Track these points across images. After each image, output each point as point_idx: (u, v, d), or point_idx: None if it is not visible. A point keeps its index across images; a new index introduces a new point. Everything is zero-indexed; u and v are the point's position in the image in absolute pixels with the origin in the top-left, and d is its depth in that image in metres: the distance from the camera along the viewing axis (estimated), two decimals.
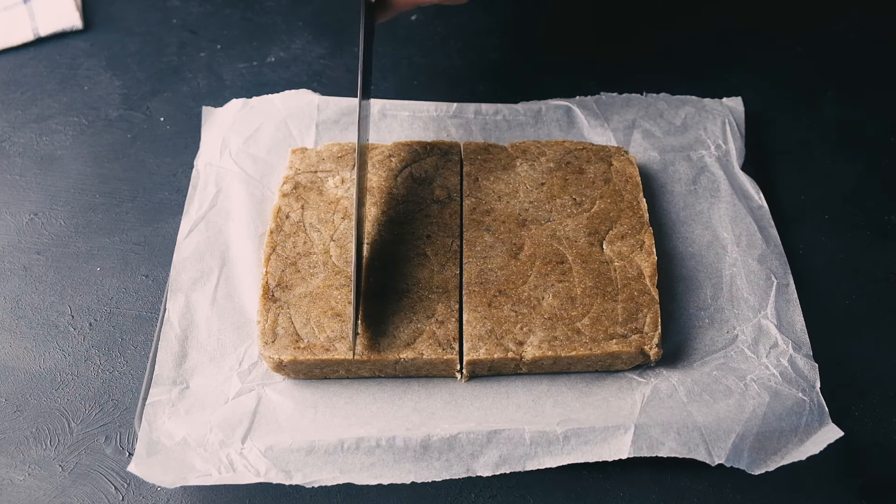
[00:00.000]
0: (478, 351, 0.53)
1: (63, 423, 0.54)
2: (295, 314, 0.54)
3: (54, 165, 0.69)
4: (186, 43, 0.79)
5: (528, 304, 0.55)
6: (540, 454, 0.50)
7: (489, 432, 0.50)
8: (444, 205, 0.60)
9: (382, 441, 0.50)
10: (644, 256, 0.57)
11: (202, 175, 0.65)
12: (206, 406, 0.52)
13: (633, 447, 0.50)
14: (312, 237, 0.58)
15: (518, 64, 0.77)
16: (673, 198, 0.64)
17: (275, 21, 0.81)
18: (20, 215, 0.65)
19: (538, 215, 0.60)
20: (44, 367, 0.57)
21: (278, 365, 0.53)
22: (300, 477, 0.49)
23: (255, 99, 0.69)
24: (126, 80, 0.75)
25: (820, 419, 0.52)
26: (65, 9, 0.79)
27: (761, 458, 0.50)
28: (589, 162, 0.63)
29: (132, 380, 0.56)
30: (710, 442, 0.50)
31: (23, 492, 0.52)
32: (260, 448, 0.50)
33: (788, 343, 0.55)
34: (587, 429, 0.51)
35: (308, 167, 0.62)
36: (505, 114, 0.69)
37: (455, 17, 0.81)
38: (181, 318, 0.56)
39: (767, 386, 0.53)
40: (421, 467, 0.50)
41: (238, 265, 0.59)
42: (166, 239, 0.64)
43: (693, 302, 0.58)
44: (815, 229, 0.65)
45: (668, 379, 0.54)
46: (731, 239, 0.61)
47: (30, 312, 0.60)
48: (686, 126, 0.69)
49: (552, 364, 0.53)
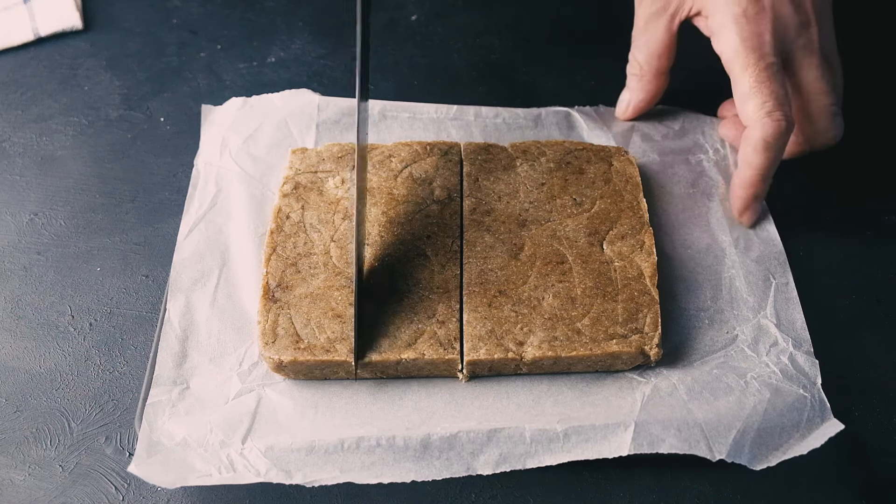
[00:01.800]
0: (478, 351, 0.53)
1: (63, 423, 0.54)
2: (295, 315, 0.54)
3: (54, 165, 0.69)
4: (186, 43, 0.79)
5: (529, 305, 0.55)
6: (540, 452, 0.50)
7: (489, 431, 0.50)
8: (444, 205, 0.60)
9: (383, 440, 0.50)
10: (644, 257, 0.58)
11: (202, 174, 0.65)
12: (207, 406, 0.52)
13: (633, 444, 0.50)
14: (313, 238, 0.58)
15: (518, 64, 0.77)
16: (672, 199, 0.64)
17: (275, 21, 0.81)
18: (20, 215, 0.65)
19: (538, 215, 0.60)
20: (44, 367, 0.57)
21: (278, 365, 0.53)
22: (300, 476, 0.49)
23: (254, 98, 0.69)
24: (126, 80, 0.75)
25: (821, 415, 0.52)
26: (65, 9, 0.79)
27: (762, 453, 0.50)
28: (589, 162, 0.63)
29: (132, 380, 0.56)
30: (711, 438, 0.50)
31: (23, 492, 0.51)
32: (260, 448, 0.50)
33: (788, 341, 0.56)
34: (587, 426, 0.51)
35: (308, 167, 0.62)
36: (505, 117, 0.70)
37: (455, 17, 0.81)
38: (181, 319, 0.56)
39: (768, 383, 0.53)
40: (421, 466, 0.50)
41: (238, 265, 0.59)
42: (166, 239, 0.64)
43: (693, 303, 0.58)
44: (815, 229, 0.65)
45: (668, 378, 0.54)
46: (730, 241, 0.61)
47: (30, 312, 0.60)
48: (685, 130, 0.69)
49: (552, 364, 0.53)
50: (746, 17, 0.57)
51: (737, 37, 0.57)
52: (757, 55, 0.56)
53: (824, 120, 0.60)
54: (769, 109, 0.56)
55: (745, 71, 0.57)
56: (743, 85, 0.57)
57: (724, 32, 0.58)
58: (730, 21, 0.57)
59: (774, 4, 0.57)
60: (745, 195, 0.60)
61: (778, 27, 0.57)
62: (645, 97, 0.67)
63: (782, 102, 0.56)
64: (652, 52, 0.65)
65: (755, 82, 0.56)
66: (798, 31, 0.58)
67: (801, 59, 0.59)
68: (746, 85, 0.57)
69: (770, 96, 0.56)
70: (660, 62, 0.65)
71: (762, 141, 0.57)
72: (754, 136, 0.57)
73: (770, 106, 0.56)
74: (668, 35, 0.64)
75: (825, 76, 0.59)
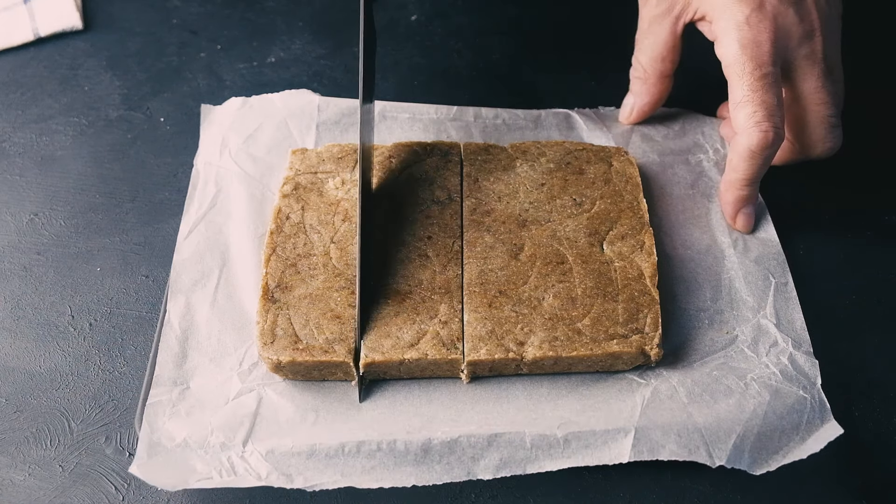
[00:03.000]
0: (478, 351, 0.53)
1: (63, 423, 0.54)
2: (294, 315, 0.54)
3: (54, 165, 0.68)
4: (186, 43, 0.79)
5: (529, 305, 0.55)
6: (540, 457, 0.50)
7: (490, 436, 0.50)
8: (444, 205, 0.60)
9: (383, 444, 0.50)
10: (644, 257, 0.58)
11: (202, 174, 0.65)
12: (207, 407, 0.52)
13: (633, 451, 0.50)
14: (312, 239, 0.58)
15: (518, 64, 0.77)
16: (672, 200, 0.65)
17: (275, 21, 0.81)
18: (20, 215, 0.65)
19: (538, 216, 0.60)
20: (44, 367, 0.57)
21: (277, 366, 0.53)
22: (301, 480, 0.49)
23: (254, 98, 0.69)
24: (126, 80, 0.75)
25: (821, 416, 0.52)
26: (65, 9, 0.78)
27: (762, 457, 0.50)
28: (589, 162, 0.63)
29: (132, 380, 0.56)
30: (711, 443, 0.50)
31: (23, 492, 0.51)
32: (261, 451, 0.50)
33: (788, 341, 0.56)
34: (587, 432, 0.51)
35: (308, 168, 0.62)
36: (505, 118, 0.70)
37: (455, 17, 0.81)
38: (181, 319, 0.56)
39: (768, 385, 0.53)
40: (422, 470, 0.50)
41: (238, 265, 0.59)
42: (166, 239, 0.64)
43: (692, 303, 0.58)
44: (815, 230, 0.65)
45: (668, 380, 0.54)
46: (729, 242, 0.62)
47: (30, 312, 0.60)
48: (684, 131, 0.69)
49: (553, 364, 0.53)
50: (749, 24, 0.57)
51: (736, 43, 0.57)
52: (754, 64, 0.56)
53: (821, 131, 0.60)
54: (758, 120, 0.56)
55: (741, 79, 0.57)
56: (737, 92, 0.57)
57: (726, 38, 0.58)
58: (731, 27, 0.57)
59: (778, 12, 0.57)
60: (731, 199, 0.61)
61: (780, 35, 0.57)
62: (649, 101, 0.67)
63: (773, 113, 0.56)
64: (656, 56, 0.65)
65: (749, 91, 0.56)
66: (801, 39, 0.58)
67: (803, 68, 0.59)
68: (740, 93, 0.57)
69: (761, 106, 0.56)
70: (664, 65, 0.65)
71: (748, 150, 0.57)
72: (741, 144, 0.58)
73: (759, 116, 0.56)
74: (672, 38, 0.63)
75: (826, 86, 0.59)
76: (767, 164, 0.59)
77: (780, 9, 0.57)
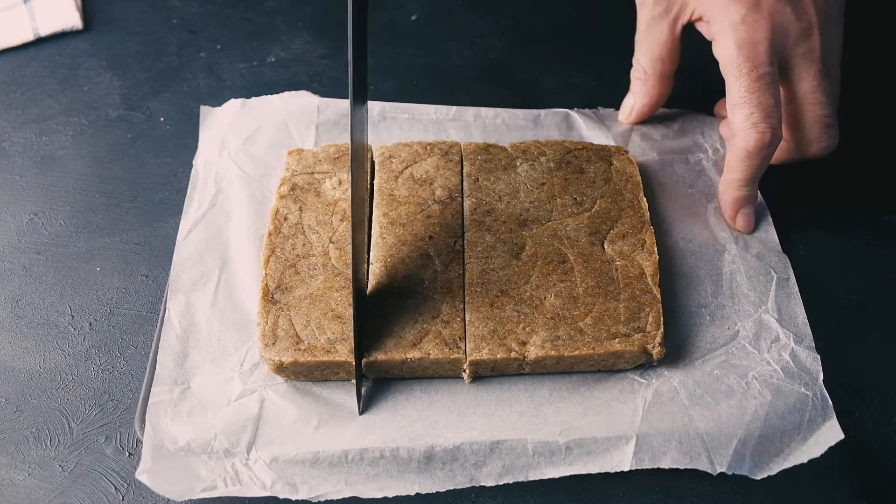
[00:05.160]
0: (480, 351, 0.53)
1: (63, 423, 0.54)
2: (295, 316, 0.54)
3: (54, 165, 0.68)
4: (186, 43, 0.79)
5: (531, 304, 0.55)
6: (542, 464, 0.50)
7: (492, 443, 0.50)
8: (445, 205, 0.60)
9: (386, 452, 0.50)
10: (645, 255, 0.58)
11: (201, 175, 0.64)
12: (209, 408, 0.52)
13: (635, 458, 0.50)
14: (311, 239, 0.58)
15: (518, 64, 0.77)
16: (672, 198, 0.65)
17: (275, 21, 0.81)
18: (20, 215, 0.65)
19: (539, 215, 0.60)
20: (44, 367, 0.57)
21: (279, 367, 0.52)
22: (306, 490, 0.49)
23: (253, 99, 0.69)
24: (126, 80, 0.75)
25: (823, 413, 0.52)
26: (65, 9, 0.78)
27: (763, 461, 0.51)
28: (589, 161, 0.63)
29: (132, 380, 0.56)
30: (712, 449, 0.50)
31: (23, 492, 0.51)
32: (265, 459, 0.50)
33: (790, 336, 0.56)
34: (589, 439, 0.51)
35: (305, 168, 0.62)
36: (504, 118, 0.70)
37: (455, 17, 0.82)
38: (181, 319, 0.56)
39: (769, 383, 0.53)
40: (425, 478, 0.50)
41: (238, 266, 0.59)
42: (166, 239, 0.63)
43: (693, 299, 0.58)
44: (815, 229, 0.65)
45: (669, 380, 0.54)
46: (730, 238, 0.62)
47: (30, 312, 0.59)
48: (684, 130, 0.69)
49: (555, 364, 0.53)
50: (745, 25, 0.57)
51: (733, 44, 0.57)
52: (751, 64, 0.56)
53: (816, 130, 0.60)
54: (755, 121, 0.56)
55: (738, 80, 0.57)
56: (734, 93, 0.57)
57: (722, 39, 0.58)
58: (728, 28, 0.57)
59: (775, 11, 0.57)
60: (730, 199, 0.61)
61: (777, 35, 0.57)
62: (649, 101, 0.67)
63: (769, 114, 0.56)
64: (655, 57, 0.65)
65: (746, 92, 0.56)
66: (798, 38, 0.58)
67: (799, 66, 0.59)
68: (737, 94, 0.57)
69: (757, 107, 0.56)
70: (663, 66, 0.65)
71: (744, 150, 0.57)
72: (738, 145, 0.58)
73: (756, 117, 0.56)
74: (671, 39, 0.64)
75: (822, 86, 0.59)
76: (765, 164, 0.59)
77: (777, 6, 0.57)
